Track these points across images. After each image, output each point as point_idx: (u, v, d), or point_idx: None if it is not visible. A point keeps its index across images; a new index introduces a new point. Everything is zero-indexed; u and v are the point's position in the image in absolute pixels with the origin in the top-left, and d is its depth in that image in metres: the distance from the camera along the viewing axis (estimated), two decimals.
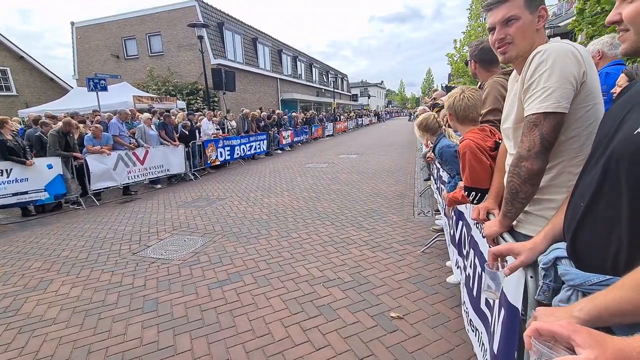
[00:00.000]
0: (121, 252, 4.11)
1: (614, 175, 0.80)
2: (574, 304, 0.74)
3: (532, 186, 1.24)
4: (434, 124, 2.78)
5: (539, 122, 1.17)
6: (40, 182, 5.95)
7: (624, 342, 0.54)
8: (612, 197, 0.81)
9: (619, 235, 0.79)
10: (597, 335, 0.55)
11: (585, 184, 0.92)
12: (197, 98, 16.66)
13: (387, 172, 8.44)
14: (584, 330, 0.56)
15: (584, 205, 0.89)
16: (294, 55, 27.12)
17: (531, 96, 1.21)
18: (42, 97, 16.82)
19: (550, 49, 1.18)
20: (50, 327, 2.64)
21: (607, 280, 0.81)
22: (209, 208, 5.88)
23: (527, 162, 1.20)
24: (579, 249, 0.92)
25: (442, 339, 2.28)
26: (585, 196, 0.89)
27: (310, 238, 4.24)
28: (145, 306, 2.87)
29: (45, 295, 3.16)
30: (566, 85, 1.14)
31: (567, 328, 0.57)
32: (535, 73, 1.20)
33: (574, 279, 0.90)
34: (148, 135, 7.87)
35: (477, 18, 19.95)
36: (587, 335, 0.55)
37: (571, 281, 0.91)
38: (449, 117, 2.10)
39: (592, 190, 0.86)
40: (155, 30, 17.79)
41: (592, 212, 0.86)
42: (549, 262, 1.03)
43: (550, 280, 1.04)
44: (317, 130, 18.91)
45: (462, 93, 2.01)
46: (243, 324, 2.56)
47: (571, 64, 1.15)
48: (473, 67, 2.45)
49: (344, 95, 41.77)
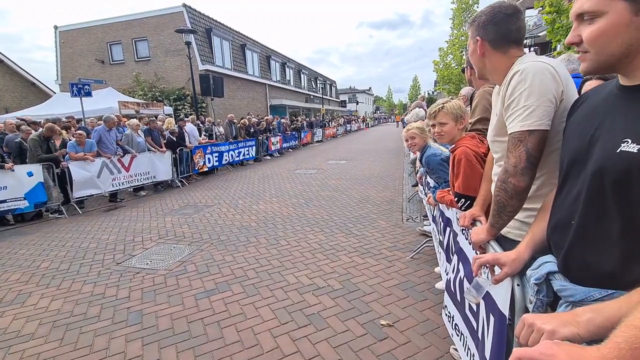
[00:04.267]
0: (104, 262, 3.99)
1: (602, 193, 0.81)
2: (576, 315, 0.73)
3: (519, 201, 1.25)
4: (427, 133, 2.83)
5: (524, 138, 1.19)
6: (20, 190, 5.74)
7: (598, 352, 0.56)
8: (602, 214, 0.82)
9: (613, 251, 0.81)
10: (577, 355, 0.58)
11: (570, 200, 0.93)
12: (185, 104, 16.47)
13: (376, 178, 8.50)
14: (561, 353, 0.59)
15: (575, 223, 0.90)
16: (283, 61, 27.19)
17: (512, 114, 1.22)
18: (22, 102, 16.32)
19: (528, 68, 1.20)
20: (28, 343, 2.52)
21: (611, 295, 0.80)
22: (196, 216, 5.78)
23: (514, 179, 1.21)
24: (572, 265, 0.93)
25: (431, 346, 2.29)
26: (574, 213, 0.90)
27: (300, 245, 4.22)
28: (129, 318, 2.79)
29: (23, 309, 3.03)
30: (546, 103, 1.16)
31: (546, 353, 0.60)
32: (514, 92, 1.21)
33: (574, 295, 0.89)
34: (135, 142, 7.72)
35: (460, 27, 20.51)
36: (565, 357, 0.58)
37: (570, 297, 0.90)
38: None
39: (581, 207, 0.88)
40: (142, 36, 17.58)
41: (584, 230, 0.88)
42: (541, 278, 1.04)
43: (543, 296, 1.04)
44: (307, 136, 18.94)
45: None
46: (231, 335, 2.50)
47: (549, 82, 1.17)
48: (469, 74, 2.49)
49: (333, 101, 42.04)
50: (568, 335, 0.71)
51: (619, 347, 0.54)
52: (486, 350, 1.43)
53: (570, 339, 0.70)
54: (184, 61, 15.72)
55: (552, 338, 0.71)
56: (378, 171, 9.49)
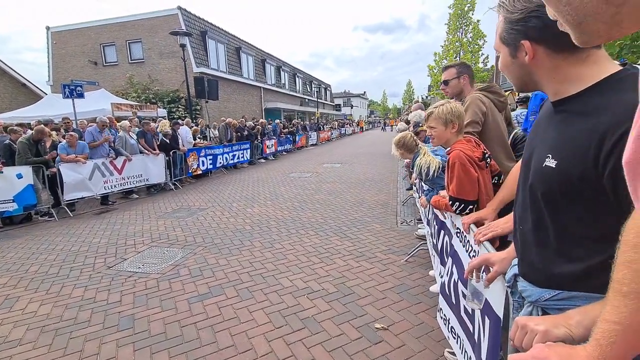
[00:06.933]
0: (95, 266, 3.93)
1: (537, 202, 0.88)
2: (567, 317, 0.76)
3: None
4: (411, 143, 2.88)
5: None
6: (9, 192, 5.63)
7: (584, 350, 0.59)
8: (540, 221, 0.89)
9: (551, 254, 0.87)
10: (567, 356, 0.61)
11: (519, 207, 1.01)
12: (179, 106, 16.38)
13: (370, 181, 8.52)
14: (553, 355, 0.62)
15: (523, 228, 0.97)
16: (278, 65, 27.24)
17: None
18: (12, 103, 16.06)
19: None
20: (16, 349, 2.46)
21: (557, 295, 0.87)
22: (189, 219, 5.73)
23: None
24: (525, 269, 0.99)
25: (426, 349, 2.29)
26: (522, 220, 0.98)
27: (294, 248, 4.20)
28: (120, 323, 2.74)
29: (11, 314, 2.96)
30: None
31: (539, 357, 0.63)
32: None
33: (531, 296, 0.95)
34: (129, 144, 7.64)
35: (455, 32, 20.81)
36: (557, 359, 0.61)
37: (529, 297, 0.96)
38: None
39: (524, 214, 0.96)
40: (136, 37, 17.47)
41: (531, 235, 0.94)
42: (510, 280, 1.09)
43: (518, 297, 1.08)
44: (301, 140, 18.95)
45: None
46: (225, 339, 2.47)
47: None
48: (462, 81, 2.56)
49: (327, 105, 42.18)
50: (561, 336, 0.72)
51: (600, 344, 0.56)
52: (482, 352, 1.44)
53: (563, 339, 0.71)
54: (178, 63, 15.66)
55: (546, 339, 0.72)
56: (372, 175, 9.52)
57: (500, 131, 2.32)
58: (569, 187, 0.78)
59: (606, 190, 0.71)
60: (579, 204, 0.79)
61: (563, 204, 0.81)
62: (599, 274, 0.75)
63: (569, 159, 0.78)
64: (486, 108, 2.24)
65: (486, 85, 2.50)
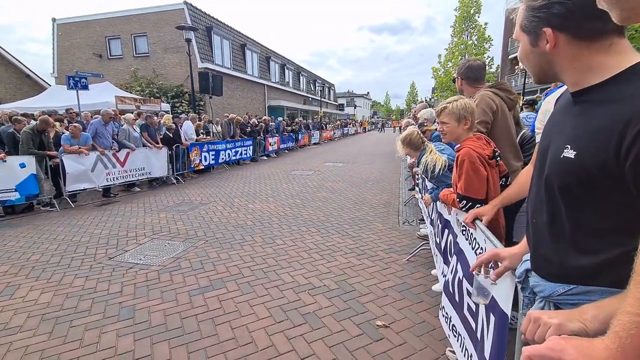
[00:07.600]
0: (97, 256, 3.93)
1: (553, 194, 0.86)
2: (582, 312, 0.74)
3: None
4: (417, 140, 2.81)
5: None
6: (11, 181, 5.64)
7: (602, 343, 0.58)
8: (556, 214, 0.87)
9: (567, 248, 0.85)
10: (584, 348, 0.59)
11: (533, 200, 0.99)
12: (183, 101, 16.37)
13: (373, 181, 8.51)
14: (570, 347, 0.60)
15: (537, 221, 0.96)
16: (282, 62, 27.21)
17: None
18: (17, 94, 16.08)
19: None
20: (16, 336, 2.46)
21: (572, 289, 0.86)
22: (191, 213, 5.72)
23: None
24: (539, 263, 0.97)
25: (427, 348, 2.28)
26: (536, 213, 0.96)
27: (296, 245, 4.19)
28: (121, 313, 2.73)
29: (12, 301, 2.96)
30: None
31: (555, 349, 0.61)
32: None
33: (543, 291, 0.94)
34: (132, 137, 7.64)
35: (460, 35, 20.75)
36: (574, 351, 0.59)
37: (541, 292, 0.95)
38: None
39: (539, 207, 0.94)
40: (141, 31, 17.47)
41: (545, 227, 0.92)
42: (521, 276, 1.07)
43: (529, 293, 1.06)
44: (304, 138, 18.93)
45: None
46: (225, 332, 2.47)
47: None
48: (459, 84, 2.55)
49: (331, 104, 42.12)
50: (575, 330, 0.71)
51: (619, 336, 0.55)
52: (485, 350, 1.42)
53: (577, 334, 0.70)
54: (182, 58, 15.66)
55: (560, 332, 0.71)
56: (375, 174, 9.50)
57: (509, 130, 2.31)
58: (589, 178, 0.76)
59: (626, 181, 0.70)
60: (598, 195, 0.77)
61: (581, 195, 0.80)
62: (616, 267, 0.74)
63: (589, 149, 0.76)
64: (496, 106, 2.22)
65: (497, 82, 2.49)
